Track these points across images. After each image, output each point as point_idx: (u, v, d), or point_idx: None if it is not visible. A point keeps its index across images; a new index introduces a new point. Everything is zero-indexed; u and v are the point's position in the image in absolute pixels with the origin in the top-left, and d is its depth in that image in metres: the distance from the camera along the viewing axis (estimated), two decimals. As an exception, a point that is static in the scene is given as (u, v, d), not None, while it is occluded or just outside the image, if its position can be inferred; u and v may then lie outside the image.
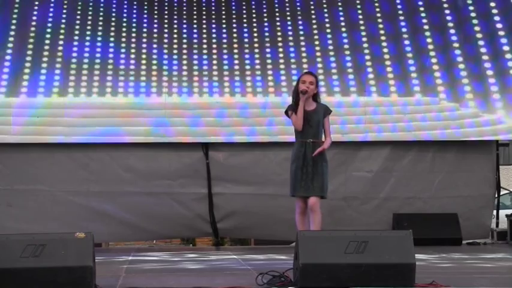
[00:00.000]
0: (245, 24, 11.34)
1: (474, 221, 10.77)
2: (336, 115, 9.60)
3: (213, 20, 11.36)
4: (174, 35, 11.19)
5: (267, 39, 11.24)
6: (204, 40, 11.15)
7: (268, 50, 11.11)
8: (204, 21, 11.34)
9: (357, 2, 11.53)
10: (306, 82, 7.46)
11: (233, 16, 11.42)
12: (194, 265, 8.14)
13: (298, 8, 11.53)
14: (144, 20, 11.28)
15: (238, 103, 10.67)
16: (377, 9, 11.48)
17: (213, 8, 11.48)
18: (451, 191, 10.78)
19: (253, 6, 11.53)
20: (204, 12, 11.42)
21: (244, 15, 11.43)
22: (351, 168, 10.67)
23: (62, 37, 10.99)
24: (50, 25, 11.06)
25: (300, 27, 11.36)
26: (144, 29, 11.18)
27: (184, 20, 11.33)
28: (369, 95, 10.83)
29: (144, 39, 11.10)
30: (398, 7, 11.47)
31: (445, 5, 11.38)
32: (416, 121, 10.63)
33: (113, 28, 11.14)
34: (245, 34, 11.25)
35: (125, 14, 11.31)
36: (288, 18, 11.42)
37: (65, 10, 11.21)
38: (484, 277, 6.76)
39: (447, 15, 11.35)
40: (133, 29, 11.17)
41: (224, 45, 11.14)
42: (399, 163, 10.77)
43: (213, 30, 11.27)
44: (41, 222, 10.14)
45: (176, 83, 10.78)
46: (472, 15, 11.29)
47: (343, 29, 11.32)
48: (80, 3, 11.29)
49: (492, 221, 11.15)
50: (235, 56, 11.03)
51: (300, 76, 7.66)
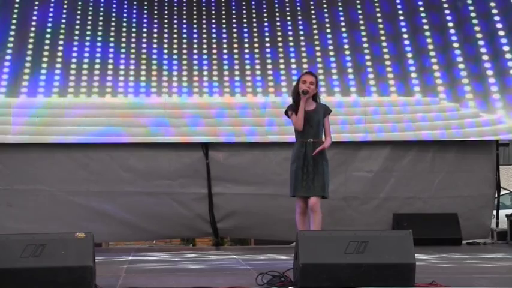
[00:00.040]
0: (245, 24, 11.34)
1: (474, 221, 10.77)
2: (336, 115, 9.60)
3: (213, 20, 11.35)
4: (174, 35, 11.18)
5: (267, 39, 11.23)
6: (204, 40, 11.15)
7: (268, 50, 11.11)
8: (204, 21, 11.33)
9: (357, 2, 11.52)
10: (307, 82, 7.45)
11: (233, 16, 11.42)
12: (194, 265, 8.14)
13: (298, 8, 11.52)
14: (144, 20, 11.27)
15: (238, 103, 10.67)
16: (377, 9, 11.47)
17: (213, 8, 11.47)
18: (451, 191, 10.79)
19: (253, 6, 11.52)
20: (204, 12, 11.42)
21: (244, 15, 11.43)
22: (351, 168, 10.67)
23: (62, 37, 10.98)
24: (50, 25, 11.06)
25: (300, 27, 11.35)
26: (144, 29, 11.18)
27: (184, 20, 11.32)
28: (369, 95, 10.83)
29: (144, 39, 11.09)
30: (398, 7, 11.46)
31: (445, 5, 11.38)
32: (416, 121, 10.63)
33: (113, 28, 11.14)
34: (245, 34, 11.25)
35: (125, 14, 11.30)
36: (288, 18, 11.41)
37: (65, 10, 11.21)
38: (484, 277, 6.76)
39: (447, 15, 11.34)
40: (133, 29, 11.17)
41: (224, 45, 11.13)
42: (399, 163, 10.77)
43: (213, 30, 11.26)
44: (41, 222, 10.14)
45: (176, 83, 10.78)
46: (472, 15, 11.28)
47: (343, 29, 11.31)
48: (80, 3, 11.28)
49: (492, 221, 11.15)
50: (235, 56, 11.03)
51: (300, 76, 7.65)
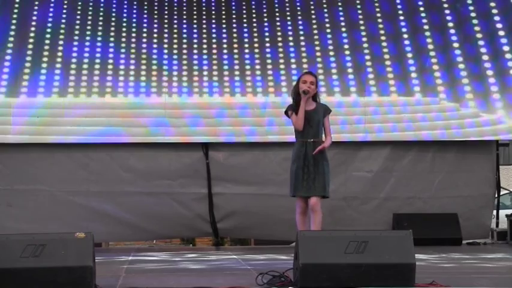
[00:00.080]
0: (245, 24, 11.33)
1: (474, 221, 10.77)
2: (336, 115, 9.61)
3: (213, 20, 11.35)
4: (174, 35, 11.18)
5: (267, 39, 11.23)
6: (204, 40, 11.15)
7: (268, 50, 11.11)
8: (204, 21, 11.33)
9: (357, 2, 11.52)
10: (307, 82, 7.44)
11: (233, 16, 11.41)
12: (194, 265, 8.14)
13: (298, 8, 11.52)
14: (144, 20, 11.27)
15: (238, 103, 10.66)
16: (377, 9, 11.47)
17: (213, 8, 11.47)
18: (451, 191, 10.78)
19: (253, 6, 11.52)
20: (204, 12, 11.42)
21: (244, 15, 11.42)
22: (351, 168, 10.67)
23: (62, 37, 10.98)
24: (50, 25, 11.06)
25: (300, 27, 11.35)
26: (144, 29, 11.17)
27: (184, 20, 11.32)
28: (369, 95, 10.82)
29: (144, 39, 11.09)
30: (398, 7, 11.46)
31: (445, 5, 11.37)
32: (416, 121, 10.63)
33: (113, 28, 11.13)
34: (245, 34, 11.24)
35: (125, 14, 11.30)
36: (288, 18, 11.41)
37: (65, 10, 11.21)
38: (484, 277, 6.76)
39: (447, 15, 11.34)
40: (133, 29, 11.16)
41: (224, 45, 11.13)
42: (399, 163, 10.77)
43: (213, 30, 11.26)
44: (41, 222, 10.13)
45: (176, 83, 10.77)
46: (472, 15, 11.28)
47: (343, 29, 11.31)
48: (80, 3, 11.28)
49: (492, 221, 11.15)
50: (235, 56, 11.02)
51: (300, 76, 7.64)
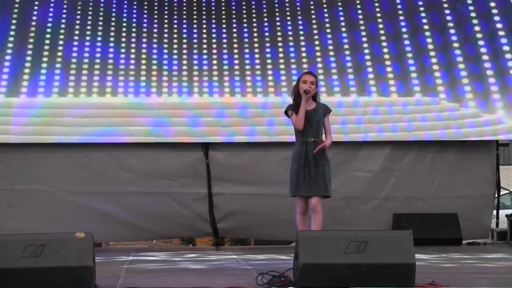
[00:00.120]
0: (245, 23, 11.33)
1: (474, 221, 10.77)
2: (336, 115, 9.60)
3: (213, 20, 11.35)
4: (174, 35, 11.18)
5: (267, 38, 11.23)
6: (204, 40, 11.14)
7: (268, 50, 11.11)
8: (204, 20, 11.33)
9: (357, 2, 11.52)
10: (307, 82, 7.44)
11: (233, 15, 11.41)
12: (194, 265, 8.13)
13: (298, 8, 11.52)
14: (144, 20, 11.27)
15: (238, 103, 10.66)
16: (377, 8, 11.47)
17: (213, 8, 11.47)
18: (451, 191, 10.78)
19: (253, 5, 11.52)
20: (204, 11, 11.42)
21: (244, 14, 11.42)
22: (351, 168, 10.66)
23: (62, 37, 10.98)
24: (50, 25, 11.06)
25: (300, 26, 11.35)
26: (144, 29, 11.17)
27: (184, 20, 11.32)
28: (369, 95, 10.82)
29: (144, 39, 11.09)
30: (398, 6, 11.47)
31: (445, 5, 11.37)
32: (416, 121, 10.62)
33: (113, 28, 11.13)
34: (245, 34, 11.24)
35: (125, 14, 11.30)
36: (288, 17, 11.41)
37: (65, 10, 11.21)
38: (484, 277, 6.75)
39: (447, 14, 11.34)
40: (133, 29, 11.16)
41: (224, 44, 11.13)
42: (399, 163, 10.77)
43: (213, 29, 11.26)
44: (41, 222, 10.13)
45: (176, 83, 10.77)
46: (472, 15, 11.28)
47: (343, 29, 11.31)
48: (80, 3, 11.28)
49: (492, 221, 11.15)
50: (235, 56, 11.02)
51: (300, 76, 7.64)
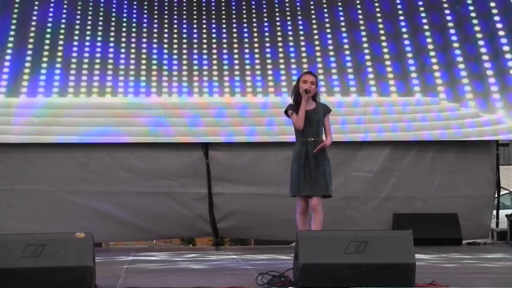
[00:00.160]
0: (245, 23, 11.32)
1: (474, 221, 10.76)
2: (336, 115, 9.60)
3: (213, 19, 11.34)
4: (174, 35, 11.17)
5: (267, 38, 11.23)
6: (204, 40, 11.14)
7: (268, 50, 11.10)
8: (204, 20, 11.32)
9: (357, 2, 11.51)
10: (308, 82, 7.45)
11: (233, 15, 11.41)
12: (194, 265, 8.13)
13: (298, 7, 11.51)
14: (144, 20, 11.26)
15: (238, 103, 10.65)
16: (377, 8, 11.47)
17: (213, 7, 11.47)
18: (451, 191, 10.78)
19: (253, 5, 11.51)
20: (204, 11, 11.41)
21: (244, 14, 11.42)
22: (351, 168, 10.66)
23: (62, 37, 10.98)
24: (50, 25, 11.06)
25: (300, 26, 11.34)
26: (144, 29, 11.17)
27: (184, 20, 11.32)
28: (369, 95, 10.81)
29: (144, 38, 11.08)
30: (398, 6, 11.46)
31: (445, 5, 11.37)
32: (416, 121, 10.62)
33: (113, 28, 11.13)
34: (245, 33, 11.24)
35: (125, 14, 11.29)
36: (288, 17, 11.41)
37: (65, 10, 11.20)
38: (484, 277, 6.75)
39: (447, 14, 11.34)
40: (133, 29, 11.16)
41: (224, 44, 11.13)
42: (399, 163, 10.76)
43: (213, 29, 11.25)
44: (41, 222, 10.13)
45: (176, 83, 10.77)
46: (472, 15, 11.28)
47: (343, 29, 11.31)
48: (80, 3, 11.28)
49: (492, 221, 11.15)
50: (235, 56, 11.02)
51: (300, 76, 7.64)
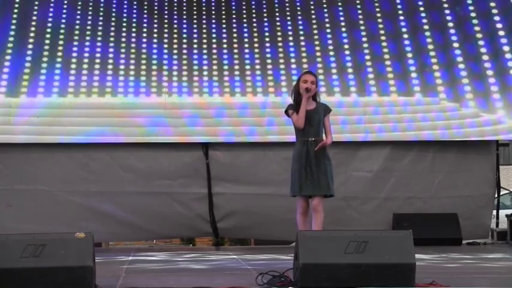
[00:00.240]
0: (245, 22, 11.32)
1: (474, 221, 10.76)
2: (336, 115, 9.60)
3: (213, 19, 11.34)
4: (174, 34, 11.17)
5: (267, 38, 11.22)
6: (204, 40, 11.14)
7: (268, 50, 11.10)
8: (204, 19, 11.32)
9: (357, 1, 11.50)
10: (308, 82, 7.46)
11: (233, 15, 11.40)
12: (194, 265, 8.13)
13: (298, 7, 11.51)
14: (144, 19, 11.26)
15: (238, 103, 10.65)
16: (377, 8, 11.46)
17: (213, 7, 11.46)
18: (451, 191, 10.77)
19: (253, 4, 11.51)
20: (204, 10, 11.40)
21: (244, 13, 11.41)
22: (351, 168, 10.65)
23: (62, 37, 10.98)
24: (50, 25, 11.06)
25: (300, 26, 11.34)
26: (144, 28, 11.16)
27: (184, 19, 11.31)
28: (369, 95, 10.81)
29: (144, 38, 11.08)
30: (398, 6, 11.45)
31: (445, 5, 11.36)
32: (416, 121, 10.62)
33: (113, 28, 11.12)
34: (245, 33, 11.23)
35: (125, 14, 11.29)
36: (288, 17, 11.40)
37: (65, 10, 11.20)
38: (484, 277, 6.76)
39: (447, 14, 11.33)
40: (133, 28, 11.15)
41: (224, 44, 11.12)
42: (399, 163, 10.76)
43: (213, 28, 11.25)
44: (41, 222, 10.13)
45: (176, 83, 10.76)
46: (472, 14, 11.27)
47: (343, 28, 11.30)
48: (80, 3, 11.27)
49: (492, 221, 11.15)
50: (235, 56, 11.02)
51: (301, 76, 7.66)
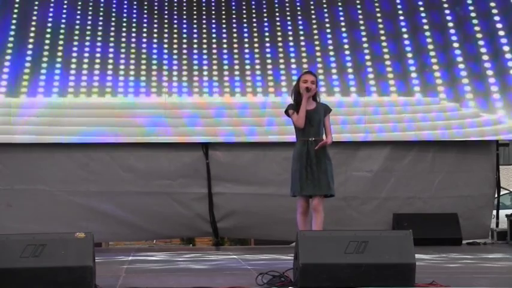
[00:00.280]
0: (245, 22, 11.32)
1: (474, 221, 10.76)
2: (336, 115, 9.59)
3: (213, 19, 11.34)
4: (174, 34, 11.17)
5: (267, 38, 11.22)
6: (204, 40, 11.14)
7: (268, 49, 11.10)
8: (204, 19, 11.32)
9: (357, 1, 11.50)
10: (308, 82, 7.46)
11: (233, 15, 11.40)
12: (194, 265, 8.13)
13: (298, 7, 11.51)
14: (144, 19, 11.26)
15: (238, 103, 10.65)
16: (377, 8, 11.46)
17: (213, 7, 11.46)
18: (451, 191, 10.77)
19: (253, 4, 11.51)
20: (204, 10, 11.40)
21: (244, 13, 11.41)
22: (351, 168, 10.65)
23: (62, 37, 10.98)
24: (50, 25, 11.06)
25: (300, 26, 11.34)
26: (144, 28, 11.16)
27: (184, 19, 11.31)
28: (369, 95, 10.81)
29: (144, 38, 11.08)
30: (398, 6, 11.45)
31: (445, 5, 11.36)
32: (416, 121, 10.62)
33: (113, 28, 11.12)
34: (245, 33, 11.23)
35: (125, 13, 11.29)
36: (288, 17, 11.40)
37: (65, 10, 11.20)
38: (484, 277, 6.76)
39: (447, 14, 11.33)
40: (133, 28, 11.15)
41: (224, 44, 11.12)
42: (399, 163, 10.76)
43: (213, 28, 11.25)
44: (41, 222, 10.13)
45: (176, 83, 10.76)
46: (472, 14, 11.27)
47: (343, 28, 11.30)
48: (80, 3, 11.27)
49: (492, 221, 11.15)
50: (235, 56, 11.02)
51: (301, 75, 7.66)
